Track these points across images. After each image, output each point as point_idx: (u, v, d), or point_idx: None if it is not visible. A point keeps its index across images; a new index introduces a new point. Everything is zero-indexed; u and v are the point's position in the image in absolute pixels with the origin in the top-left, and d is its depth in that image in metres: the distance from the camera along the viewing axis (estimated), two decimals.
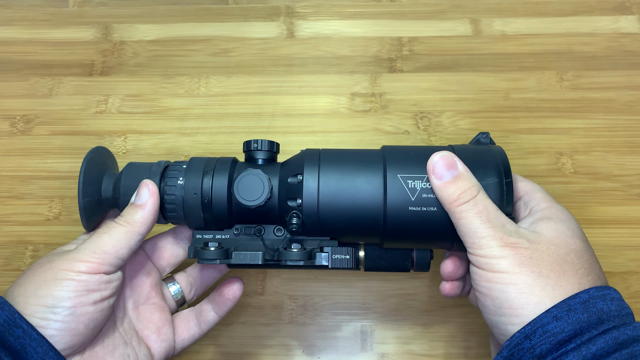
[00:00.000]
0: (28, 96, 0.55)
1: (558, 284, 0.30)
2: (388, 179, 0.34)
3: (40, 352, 0.30)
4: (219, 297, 0.40)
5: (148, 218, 0.35)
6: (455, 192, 0.32)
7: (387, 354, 0.44)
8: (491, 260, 0.31)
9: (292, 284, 0.47)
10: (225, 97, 0.54)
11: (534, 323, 0.29)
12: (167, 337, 0.38)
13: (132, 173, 0.37)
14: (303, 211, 0.35)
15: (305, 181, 0.35)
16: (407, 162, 0.35)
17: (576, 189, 0.49)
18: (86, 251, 0.33)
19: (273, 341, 0.45)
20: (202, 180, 0.36)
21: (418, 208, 0.34)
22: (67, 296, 0.31)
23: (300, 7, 0.59)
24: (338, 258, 0.36)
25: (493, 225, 0.32)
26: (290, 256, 0.35)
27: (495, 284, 0.30)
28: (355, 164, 0.35)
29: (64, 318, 0.31)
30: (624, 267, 0.46)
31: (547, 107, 0.53)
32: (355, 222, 0.35)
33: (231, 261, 0.35)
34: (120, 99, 0.54)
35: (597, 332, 0.28)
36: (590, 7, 0.58)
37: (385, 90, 0.54)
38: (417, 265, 0.38)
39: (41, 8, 0.60)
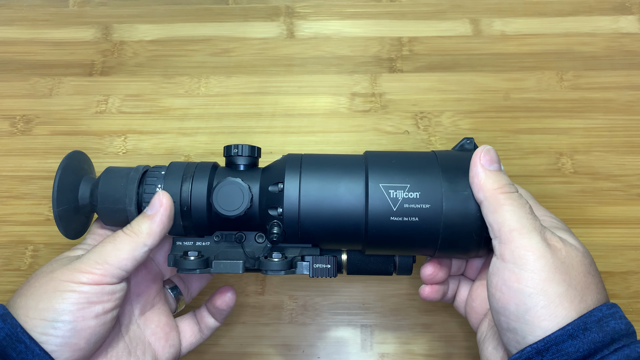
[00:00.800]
0: (28, 96, 0.55)
1: (583, 299, 0.29)
2: (370, 189, 0.34)
3: None
4: (213, 308, 0.40)
5: (155, 230, 0.33)
6: (502, 180, 0.32)
7: (387, 354, 0.44)
8: (528, 254, 0.29)
9: (292, 284, 0.47)
10: (225, 97, 0.54)
11: (549, 340, 0.28)
12: (175, 342, 0.38)
13: (110, 179, 0.36)
14: (284, 220, 0.34)
15: (286, 190, 0.34)
16: (389, 171, 0.34)
17: (576, 189, 0.49)
18: (89, 261, 0.32)
19: (273, 341, 0.45)
20: (180, 187, 0.35)
21: (400, 218, 0.33)
22: (68, 309, 0.30)
23: (300, 7, 0.59)
24: (319, 267, 0.36)
25: (535, 218, 0.31)
26: (271, 266, 0.35)
27: (526, 287, 0.29)
28: (337, 172, 0.35)
29: (65, 333, 0.30)
30: (624, 267, 0.46)
31: (547, 107, 0.53)
32: (336, 231, 0.34)
33: (211, 270, 0.35)
34: (120, 99, 0.54)
35: (608, 352, 0.27)
36: (590, 7, 0.58)
37: (385, 90, 0.54)
38: (399, 269, 0.37)
39: (41, 8, 0.60)
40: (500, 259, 0.30)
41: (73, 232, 0.36)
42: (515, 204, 0.31)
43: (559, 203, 0.48)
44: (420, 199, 0.33)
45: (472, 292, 0.38)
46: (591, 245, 0.35)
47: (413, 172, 0.34)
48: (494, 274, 0.31)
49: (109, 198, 0.35)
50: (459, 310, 0.40)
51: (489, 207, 0.31)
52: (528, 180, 0.49)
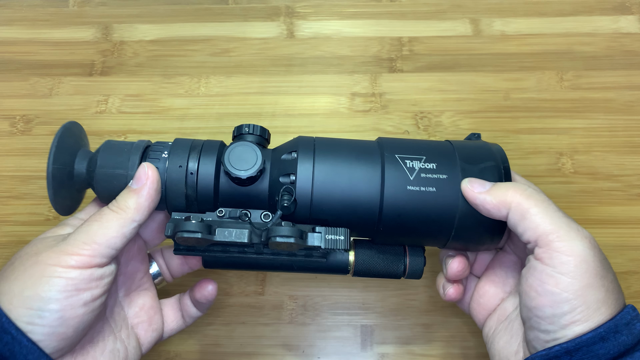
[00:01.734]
0: (28, 96, 0.55)
1: (616, 302, 0.29)
2: (386, 158, 0.33)
3: (31, 359, 0.28)
4: (194, 300, 0.38)
5: (143, 204, 0.31)
6: (510, 188, 0.31)
7: (387, 354, 0.44)
8: (569, 259, 0.28)
9: (292, 284, 0.47)
10: (225, 97, 0.54)
11: (581, 342, 0.28)
12: (158, 326, 0.37)
13: (111, 147, 0.34)
14: (296, 187, 0.32)
15: (301, 156, 0.33)
16: (404, 146, 0.34)
17: (576, 189, 0.49)
18: (76, 242, 0.30)
19: (273, 341, 0.45)
20: (188, 156, 0.33)
21: (417, 188, 0.32)
22: (55, 297, 0.29)
23: (300, 7, 0.59)
24: (332, 239, 0.33)
25: (564, 215, 0.30)
26: (280, 231, 0.31)
27: (565, 292, 0.28)
28: (351, 146, 0.34)
29: (52, 322, 0.29)
30: (624, 267, 0.46)
31: (547, 107, 0.53)
32: (351, 202, 0.33)
33: (215, 237, 0.32)
34: (120, 99, 0.54)
35: (634, 351, 0.28)
36: (590, 7, 0.58)
37: (385, 90, 0.54)
38: (409, 272, 0.36)
39: (41, 8, 0.60)
40: (538, 261, 0.30)
41: (62, 203, 0.34)
42: (540, 203, 0.30)
43: (559, 203, 0.48)
44: (437, 170, 0.33)
45: (478, 288, 0.38)
46: None
47: (429, 148, 0.34)
48: (531, 274, 0.30)
49: (109, 162, 0.33)
50: (462, 307, 0.40)
51: (515, 217, 0.31)
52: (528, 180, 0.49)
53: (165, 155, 0.34)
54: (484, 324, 0.37)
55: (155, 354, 0.44)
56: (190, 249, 0.35)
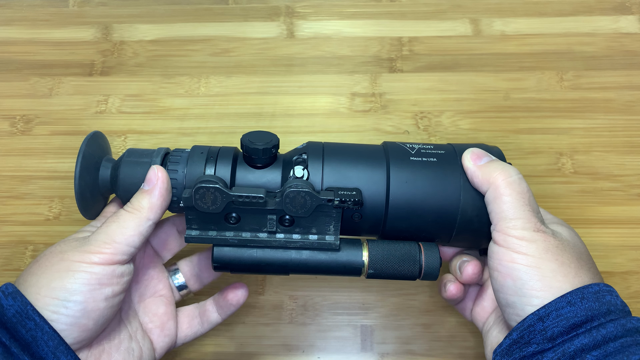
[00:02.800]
0: (28, 96, 0.55)
1: (577, 275, 0.31)
2: (389, 144, 0.37)
3: (51, 345, 0.30)
4: (223, 301, 0.40)
5: (155, 203, 0.34)
6: (498, 169, 0.33)
7: (387, 354, 0.44)
8: (521, 242, 0.31)
9: (292, 284, 0.47)
10: (225, 97, 0.54)
11: (549, 306, 0.29)
12: (170, 332, 0.38)
13: (132, 158, 0.36)
14: (308, 162, 0.35)
15: (311, 157, 0.35)
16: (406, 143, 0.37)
17: (576, 189, 0.49)
18: (97, 242, 0.32)
19: (273, 341, 0.45)
20: (204, 168, 0.35)
21: (419, 158, 0.35)
22: (79, 290, 0.31)
23: (300, 7, 0.59)
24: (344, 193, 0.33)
25: (532, 209, 0.33)
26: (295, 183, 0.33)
27: (520, 265, 0.31)
28: (358, 147, 0.37)
29: (75, 313, 0.31)
30: (624, 267, 0.46)
31: (547, 107, 0.53)
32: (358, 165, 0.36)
33: (231, 194, 0.32)
34: (120, 99, 0.54)
35: (605, 320, 0.29)
36: (590, 7, 0.58)
37: (385, 90, 0.54)
38: (425, 270, 0.35)
39: (41, 8, 0.60)
40: (496, 244, 0.32)
41: (90, 212, 0.37)
42: (514, 193, 0.33)
43: (559, 203, 0.48)
44: (434, 148, 0.36)
45: (481, 293, 0.39)
46: (591, 245, 0.35)
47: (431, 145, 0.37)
48: (492, 257, 0.33)
49: (129, 179, 0.35)
50: (464, 314, 0.40)
51: (490, 196, 0.33)
52: (528, 180, 0.48)
53: (183, 171, 0.35)
54: (483, 325, 0.38)
55: None
56: (205, 227, 0.35)
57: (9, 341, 0.30)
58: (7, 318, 0.30)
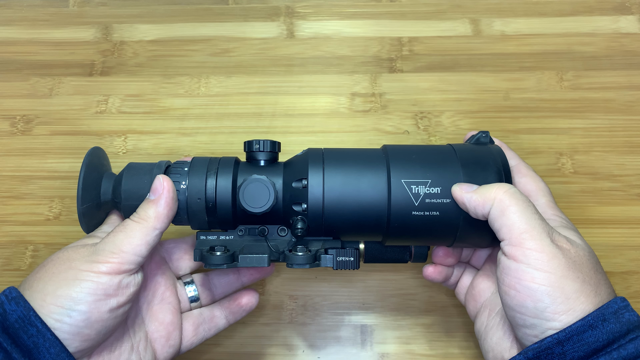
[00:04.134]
0: (28, 96, 0.55)
1: (597, 293, 0.30)
2: (392, 185, 0.35)
3: (52, 353, 0.30)
4: (235, 306, 0.40)
5: (162, 213, 0.34)
6: (494, 186, 0.33)
7: (387, 354, 0.44)
8: (541, 256, 0.30)
9: (292, 284, 0.47)
10: (225, 97, 0.54)
11: (570, 331, 0.29)
12: (175, 342, 0.38)
13: (133, 175, 0.37)
14: (308, 215, 0.35)
15: (310, 187, 0.35)
16: (410, 166, 0.35)
17: (576, 189, 0.49)
18: (104, 252, 0.32)
19: (273, 341, 0.45)
20: (205, 184, 0.36)
21: (421, 212, 0.35)
22: (84, 299, 0.31)
23: (300, 7, 0.59)
24: (342, 260, 0.36)
25: (541, 218, 0.31)
26: (296, 260, 0.35)
27: (542, 286, 0.29)
28: (359, 167, 0.36)
29: (78, 322, 0.31)
30: (624, 267, 0.46)
31: (547, 107, 0.53)
32: (359, 225, 0.35)
33: (237, 265, 0.35)
34: (120, 99, 0.54)
35: (625, 341, 0.29)
36: (590, 7, 0.58)
37: (385, 90, 0.54)
38: (415, 257, 0.39)
39: (41, 8, 0.60)
40: (512, 259, 0.31)
41: (93, 229, 0.37)
42: (520, 204, 0.32)
43: (559, 203, 0.48)
44: (441, 194, 0.34)
45: (474, 280, 0.39)
46: (591, 245, 0.35)
47: (434, 166, 0.35)
48: (506, 274, 0.31)
49: (133, 195, 0.36)
50: (459, 297, 0.41)
51: (495, 212, 0.32)
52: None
53: (184, 186, 0.36)
54: (475, 317, 0.38)
55: None
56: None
57: (10, 347, 0.30)
58: (10, 323, 0.30)
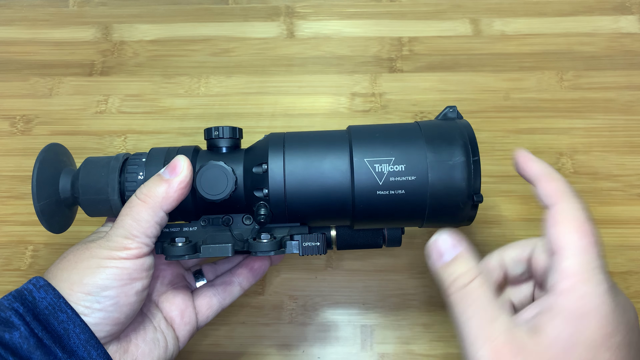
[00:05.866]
0: (28, 96, 0.55)
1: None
2: (355, 164, 0.33)
3: (82, 338, 0.30)
4: (248, 272, 0.40)
5: (172, 195, 0.33)
6: (451, 275, 0.29)
7: (387, 354, 0.44)
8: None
9: (292, 284, 0.47)
10: (225, 97, 0.54)
11: None
12: (191, 319, 0.38)
13: (90, 170, 0.36)
14: (270, 201, 0.34)
15: (271, 171, 0.34)
16: (373, 144, 0.34)
17: (576, 189, 0.49)
18: (118, 239, 0.32)
19: (273, 341, 0.45)
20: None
21: (386, 192, 0.33)
22: (111, 285, 0.31)
23: (300, 7, 0.59)
24: (309, 245, 0.35)
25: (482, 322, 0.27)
26: (260, 247, 0.34)
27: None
28: (321, 148, 0.34)
29: (107, 307, 0.31)
30: (624, 267, 0.46)
31: (547, 107, 0.53)
32: (323, 209, 0.34)
33: (200, 255, 0.35)
34: (120, 99, 0.54)
35: None
36: (590, 7, 0.58)
37: (385, 90, 0.54)
38: (388, 241, 0.38)
39: (41, 8, 0.60)
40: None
41: (57, 226, 0.36)
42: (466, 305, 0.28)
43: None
44: (405, 172, 0.33)
45: None
46: None
47: (397, 144, 0.34)
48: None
49: (90, 189, 0.35)
50: None
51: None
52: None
53: (141, 177, 0.35)
54: None
55: None
56: None
57: (42, 333, 0.30)
58: (40, 310, 0.30)
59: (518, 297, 0.34)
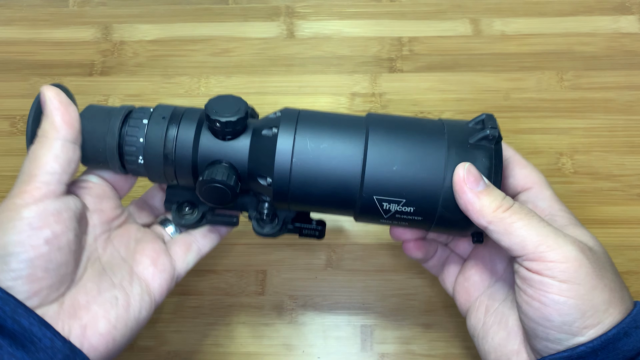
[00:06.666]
0: (28, 96, 0.55)
1: (623, 298, 0.29)
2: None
3: (7, 310, 0.27)
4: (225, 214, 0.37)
5: (57, 121, 0.31)
6: (497, 196, 0.30)
7: (387, 354, 0.44)
8: (567, 267, 0.28)
9: (292, 284, 0.47)
10: None
11: (607, 339, 0.27)
12: (165, 266, 0.35)
13: (92, 116, 0.34)
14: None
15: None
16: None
17: (576, 189, 0.49)
18: (17, 184, 0.30)
19: (273, 341, 0.45)
20: (166, 128, 0.33)
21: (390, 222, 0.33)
22: (13, 241, 0.28)
23: (300, 7, 0.59)
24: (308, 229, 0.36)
25: (549, 225, 0.29)
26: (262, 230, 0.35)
27: (570, 299, 0.27)
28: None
29: (17, 266, 0.28)
30: (624, 267, 0.46)
31: (547, 107, 0.53)
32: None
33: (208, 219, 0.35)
34: (120, 99, 0.54)
35: None
36: (590, 7, 0.58)
37: (385, 90, 0.54)
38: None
39: (41, 8, 0.60)
40: (535, 273, 0.29)
41: None
42: (524, 217, 0.29)
43: None
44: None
45: (464, 271, 0.37)
46: None
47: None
48: (529, 286, 0.29)
49: (88, 132, 0.33)
50: (445, 285, 0.38)
51: (498, 231, 0.29)
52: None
53: (145, 122, 0.33)
54: (468, 311, 0.36)
55: (155, 353, 0.44)
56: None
57: None
58: None
59: None
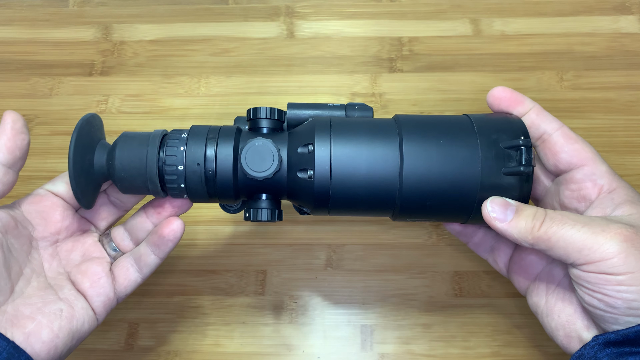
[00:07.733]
0: (28, 96, 0.55)
1: None
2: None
3: None
4: (158, 239, 0.36)
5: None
6: (528, 215, 0.31)
7: (387, 354, 0.44)
8: (616, 261, 0.28)
9: (292, 284, 0.47)
10: (225, 97, 0.54)
11: None
12: (105, 289, 0.35)
13: (128, 144, 0.34)
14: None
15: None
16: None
17: None
18: None
19: (273, 341, 0.45)
20: (205, 150, 0.34)
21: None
22: None
23: (300, 7, 0.59)
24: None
25: (590, 224, 0.30)
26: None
27: (629, 286, 0.28)
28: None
29: None
30: None
31: (547, 107, 0.53)
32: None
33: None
34: (120, 99, 0.54)
35: None
36: (590, 7, 0.58)
37: (385, 90, 0.54)
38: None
39: (41, 8, 0.60)
40: (588, 272, 0.30)
41: (87, 200, 0.34)
42: (559, 227, 0.30)
43: None
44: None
45: (519, 251, 0.37)
46: None
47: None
48: (585, 280, 0.30)
49: (127, 165, 0.34)
50: (497, 266, 0.39)
51: (541, 248, 0.31)
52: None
53: (182, 150, 0.34)
54: (528, 290, 0.37)
55: (155, 353, 0.44)
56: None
57: None
58: None
59: None
